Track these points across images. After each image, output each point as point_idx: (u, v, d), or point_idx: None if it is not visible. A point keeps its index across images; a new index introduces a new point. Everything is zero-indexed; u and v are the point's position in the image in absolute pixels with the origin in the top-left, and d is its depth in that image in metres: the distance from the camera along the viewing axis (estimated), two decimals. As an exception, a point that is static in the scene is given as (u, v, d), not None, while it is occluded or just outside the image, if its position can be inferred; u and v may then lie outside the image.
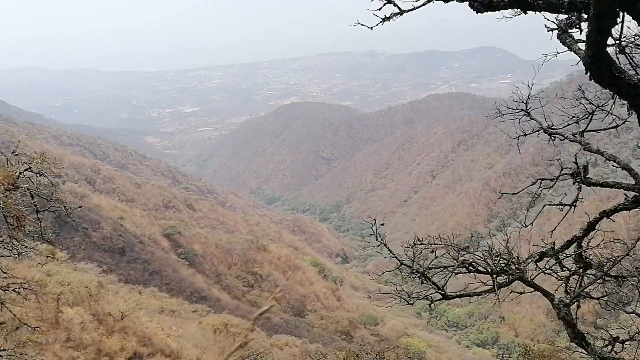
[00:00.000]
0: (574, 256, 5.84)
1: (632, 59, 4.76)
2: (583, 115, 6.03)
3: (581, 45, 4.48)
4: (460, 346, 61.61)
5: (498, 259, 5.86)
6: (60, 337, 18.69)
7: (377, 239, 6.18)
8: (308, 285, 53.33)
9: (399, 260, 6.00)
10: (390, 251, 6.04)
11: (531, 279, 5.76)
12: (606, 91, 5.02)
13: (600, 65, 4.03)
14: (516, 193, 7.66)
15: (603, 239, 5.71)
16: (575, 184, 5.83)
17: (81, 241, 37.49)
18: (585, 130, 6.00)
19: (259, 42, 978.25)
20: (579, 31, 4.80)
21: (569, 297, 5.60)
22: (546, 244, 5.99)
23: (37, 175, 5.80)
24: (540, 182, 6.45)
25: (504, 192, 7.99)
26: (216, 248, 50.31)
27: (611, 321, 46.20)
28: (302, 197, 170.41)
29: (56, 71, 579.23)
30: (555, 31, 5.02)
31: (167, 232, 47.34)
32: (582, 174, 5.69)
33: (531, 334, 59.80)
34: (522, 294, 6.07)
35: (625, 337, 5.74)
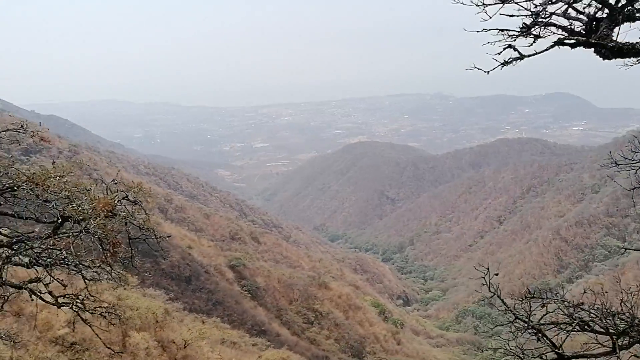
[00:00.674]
0: None
1: None
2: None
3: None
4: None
5: (614, 318, 5.43)
6: (125, 361, 19.18)
7: (490, 289, 5.89)
8: (368, 326, 52.46)
9: (513, 313, 5.71)
10: (504, 303, 5.74)
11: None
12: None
13: None
14: None
15: None
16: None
17: (151, 268, 38.58)
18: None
19: (330, 82, 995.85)
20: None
21: None
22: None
23: (133, 204, 6.14)
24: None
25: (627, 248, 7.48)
26: (278, 282, 50.48)
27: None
28: (365, 236, 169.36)
29: (139, 104, 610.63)
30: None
31: (232, 264, 47.98)
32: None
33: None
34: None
35: None
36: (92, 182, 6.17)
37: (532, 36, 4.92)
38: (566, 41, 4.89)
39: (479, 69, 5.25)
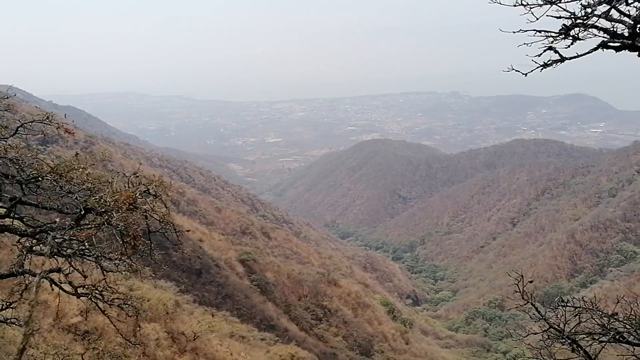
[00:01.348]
0: None
1: None
2: None
3: None
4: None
5: None
6: (136, 351, 19.48)
7: (524, 297, 5.82)
8: (376, 325, 52.60)
9: (547, 322, 5.62)
10: (538, 311, 5.66)
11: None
12: None
13: None
14: None
15: None
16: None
17: (162, 259, 38.95)
18: None
19: (344, 78, 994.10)
20: None
21: None
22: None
23: (154, 197, 6.33)
24: None
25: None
26: (288, 278, 50.75)
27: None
28: (376, 234, 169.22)
29: (154, 97, 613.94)
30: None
31: (242, 258, 48.31)
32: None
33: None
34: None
35: None
36: (112, 174, 6.36)
37: (570, 38, 4.86)
38: (610, 44, 4.81)
39: (516, 70, 5.17)
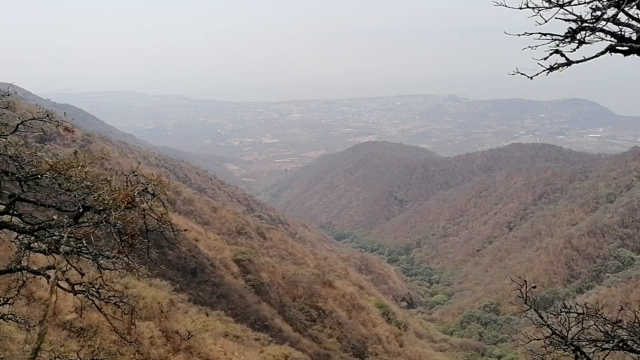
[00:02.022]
0: None
1: None
2: None
3: None
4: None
5: None
6: (131, 349, 19.50)
7: (527, 302, 5.74)
8: (371, 327, 52.66)
9: (551, 329, 5.57)
10: (541, 317, 5.60)
11: None
12: None
13: None
14: None
15: None
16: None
17: (157, 258, 38.96)
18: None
19: (342, 81, 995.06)
20: None
21: None
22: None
23: (152, 196, 6.38)
24: None
25: None
26: (283, 278, 50.77)
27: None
28: (371, 236, 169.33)
29: (151, 97, 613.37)
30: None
31: (237, 258, 48.30)
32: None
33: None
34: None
35: None
36: (110, 173, 6.41)
37: (576, 42, 4.81)
38: (618, 48, 4.76)
39: (522, 74, 5.13)
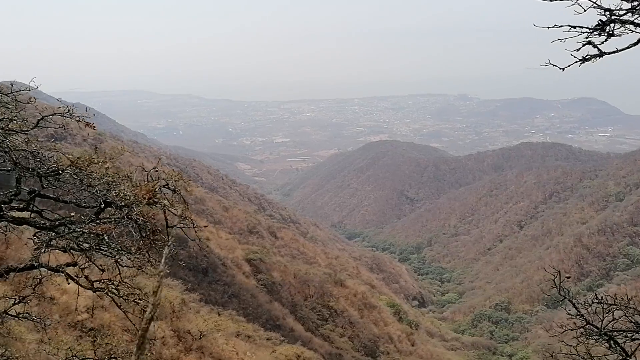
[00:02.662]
0: None
1: None
2: None
3: None
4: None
5: None
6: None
7: (560, 292, 5.70)
8: (382, 326, 52.51)
9: (585, 320, 5.48)
10: (576, 307, 5.49)
11: None
12: None
13: None
14: None
15: None
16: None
17: (169, 257, 39.02)
18: None
19: (353, 80, 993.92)
20: None
21: None
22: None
23: (172, 192, 6.33)
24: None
25: None
26: (294, 278, 50.73)
27: None
28: (382, 235, 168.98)
29: (163, 96, 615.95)
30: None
31: (249, 257, 48.31)
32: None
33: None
34: None
35: None
36: (131, 169, 6.38)
37: (605, 34, 4.78)
38: None
39: (554, 65, 5.10)
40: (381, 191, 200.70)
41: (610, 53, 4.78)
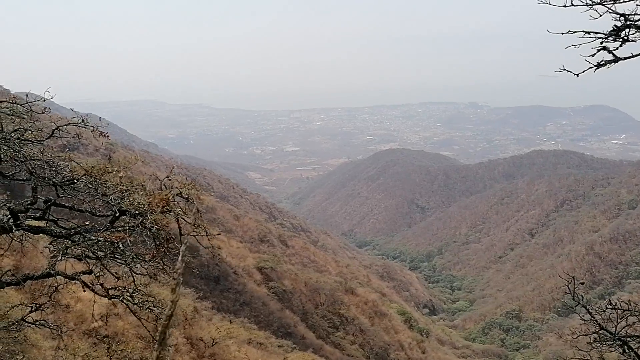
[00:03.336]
0: None
1: None
2: None
3: None
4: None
5: None
6: (154, 355, 19.52)
7: (574, 298, 5.71)
8: (393, 334, 52.30)
9: (600, 325, 5.50)
10: (590, 313, 5.53)
11: None
12: None
13: None
14: None
15: None
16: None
17: (183, 265, 39.15)
18: None
19: (363, 88, 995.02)
20: None
21: None
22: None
23: (185, 200, 6.39)
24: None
25: None
26: (305, 286, 50.70)
27: None
28: (393, 243, 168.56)
29: (173, 105, 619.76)
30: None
31: (260, 266, 48.38)
32: None
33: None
34: None
35: None
36: (145, 177, 6.46)
37: (620, 40, 4.77)
38: None
39: (568, 71, 5.09)
40: (391, 200, 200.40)
41: (626, 58, 4.77)
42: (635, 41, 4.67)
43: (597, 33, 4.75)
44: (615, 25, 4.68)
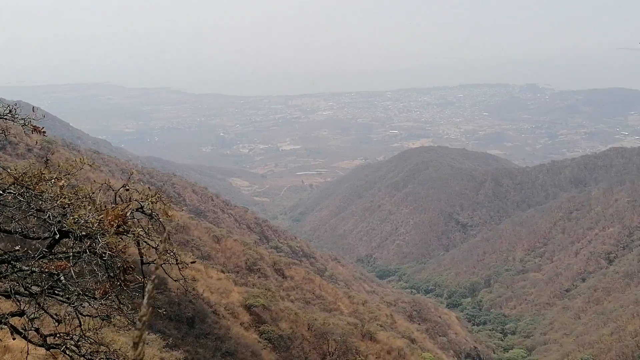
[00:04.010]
0: None
1: None
2: None
3: None
4: None
5: None
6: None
7: None
8: (426, 394, 52.21)
9: None
10: None
11: None
12: None
13: None
14: None
15: None
16: None
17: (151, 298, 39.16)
18: None
19: (385, 67, 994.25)
20: None
21: None
22: None
23: (148, 218, 6.31)
24: None
25: None
26: (309, 330, 50.68)
27: None
28: (425, 273, 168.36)
29: (133, 90, 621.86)
30: None
31: (248, 303, 48.40)
32: None
33: None
34: None
35: None
36: (95, 187, 6.40)
37: None
38: None
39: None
40: (423, 214, 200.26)
41: None
42: None
43: None
44: None
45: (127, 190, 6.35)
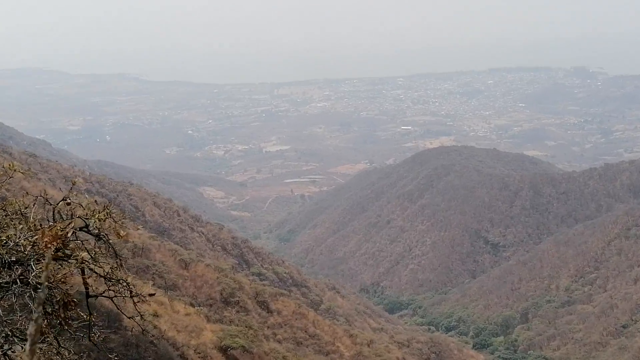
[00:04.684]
0: None
1: None
2: None
3: None
4: None
5: None
6: None
7: None
8: None
9: None
10: None
11: None
12: None
13: None
14: None
15: None
16: None
17: (91, 346, 39.19)
18: None
19: (395, 46, 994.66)
20: None
21: None
22: None
23: (96, 238, 6.34)
24: None
25: None
26: (300, 378, 50.84)
27: None
28: (446, 305, 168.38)
29: (78, 77, 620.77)
30: None
31: (224, 344, 48.44)
32: None
33: None
34: None
35: None
36: (29, 200, 6.44)
37: None
38: None
39: None
40: (444, 232, 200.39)
41: None
42: None
43: None
44: None
45: (69, 204, 6.39)
